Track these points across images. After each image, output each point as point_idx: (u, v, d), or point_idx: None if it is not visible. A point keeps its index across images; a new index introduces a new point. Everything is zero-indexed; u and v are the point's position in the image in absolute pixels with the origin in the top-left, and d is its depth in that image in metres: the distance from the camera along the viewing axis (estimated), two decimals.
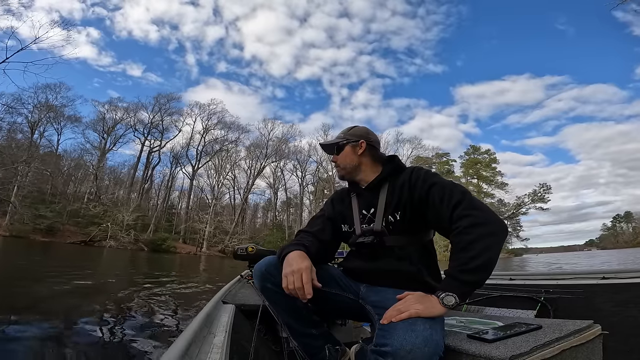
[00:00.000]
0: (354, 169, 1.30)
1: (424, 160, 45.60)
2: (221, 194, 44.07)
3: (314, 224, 1.34)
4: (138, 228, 32.73)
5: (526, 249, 54.58)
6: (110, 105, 40.67)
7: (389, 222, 1.18)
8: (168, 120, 42.12)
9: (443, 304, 0.92)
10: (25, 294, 4.22)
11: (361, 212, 1.27)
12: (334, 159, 1.34)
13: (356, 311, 1.21)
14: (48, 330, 2.60)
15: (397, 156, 1.33)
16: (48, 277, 6.01)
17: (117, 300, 4.36)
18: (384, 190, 1.23)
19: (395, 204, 1.18)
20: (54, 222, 28.99)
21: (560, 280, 1.71)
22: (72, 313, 3.37)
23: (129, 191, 40.84)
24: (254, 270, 1.20)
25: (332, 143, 1.34)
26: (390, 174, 1.25)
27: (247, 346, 1.05)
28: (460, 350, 0.88)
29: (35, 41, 17.32)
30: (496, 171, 47.59)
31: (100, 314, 3.40)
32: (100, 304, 3.92)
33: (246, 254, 2.13)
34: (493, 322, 1.12)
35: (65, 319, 3.09)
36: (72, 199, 35.46)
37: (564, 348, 0.85)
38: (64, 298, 4.21)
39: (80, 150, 40.36)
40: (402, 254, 1.17)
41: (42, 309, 3.43)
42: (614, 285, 1.45)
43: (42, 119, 35.99)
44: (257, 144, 44.40)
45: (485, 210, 1.00)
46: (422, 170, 1.20)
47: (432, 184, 1.11)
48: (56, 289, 4.72)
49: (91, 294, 4.80)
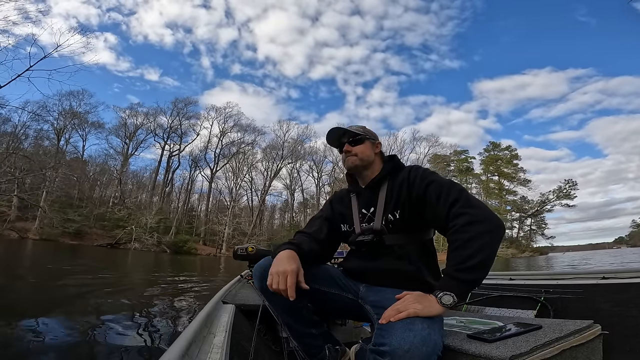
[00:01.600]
0: (369, 163, 1.30)
1: (441, 158, 44.77)
2: (239, 196, 44.78)
3: (312, 224, 1.36)
4: (160, 230, 33.72)
5: (552, 248, 52.47)
6: (130, 111, 42.28)
7: (388, 220, 1.18)
8: (186, 124, 43.35)
9: (441, 304, 0.92)
10: (59, 292, 4.60)
11: (361, 211, 1.28)
12: (351, 148, 1.30)
13: (356, 311, 1.21)
14: (65, 327, 2.74)
15: (397, 156, 1.34)
16: (78, 277, 6.41)
17: (142, 299, 4.56)
18: (383, 189, 1.24)
19: (394, 202, 1.18)
20: (81, 225, 30.26)
21: (560, 280, 1.71)
22: (95, 311, 3.53)
23: (151, 195, 42.17)
24: (254, 270, 1.21)
25: (355, 132, 1.31)
26: (389, 172, 1.26)
27: (247, 346, 1.06)
28: (460, 350, 0.88)
29: (57, 49, 18.08)
30: (518, 168, 46.14)
31: (125, 311, 3.56)
32: (124, 303, 4.11)
33: (246, 254, 2.15)
34: (493, 322, 1.12)
35: (91, 316, 3.24)
36: (98, 203, 36.84)
37: (564, 348, 0.84)
38: (88, 297, 4.40)
39: (104, 156, 42.19)
40: (402, 252, 1.17)
41: (66, 307, 3.61)
42: (614, 285, 1.44)
43: (67, 125, 37.67)
44: (273, 145, 44.94)
45: (482, 208, 1.00)
46: (420, 169, 1.20)
47: (429, 182, 1.11)
48: (83, 289, 4.95)
49: (119, 292, 5.06)
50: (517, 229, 47.68)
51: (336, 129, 1.33)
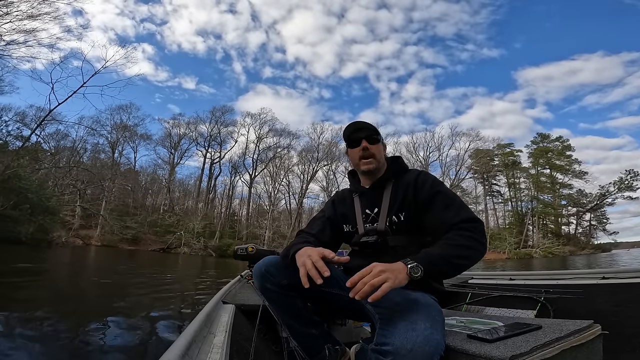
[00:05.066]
0: (382, 165, 1.31)
1: (483, 153, 42.34)
2: (277, 199, 45.77)
3: (314, 225, 1.36)
4: (206, 235, 35.48)
5: (615, 244, 47.34)
6: (174, 121, 44.86)
7: (392, 222, 1.19)
8: (225, 131, 45.07)
9: (409, 274, 0.92)
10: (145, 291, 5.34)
11: (364, 211, 1.28)
12: (369, 147, 1.27)
13: (356, 311, 1.20)
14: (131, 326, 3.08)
15: (401, 157, 1.34)
16: (156, 278, 7.71)
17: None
18: (387, 190, 1.25)
19: (399, 204, 1.20)
20: (137, 232, 32.71)
21: (560, 280, 1.69)
22: (149, 308, 3.98)
23: (197, 201, 44.50)
24: (254, 270, 1.23)
25: (375, 130, 1.30)
26: (394, 174, 1.27)
27: (247, 346, 1.09)
28: (460, 350, 0.88)
29: (105, 65, 19.83)
30: (572, 159, 42.24)
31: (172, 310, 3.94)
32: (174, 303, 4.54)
33: (246, 254, 2.18)
34: (493, 322, 1.11)
35: (144, 315, 3.62)
36: (151, 211, 39.72)
37: (564, 348, 0.84)
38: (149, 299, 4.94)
39: (153, 166, 45.27)
40: (404, 253, 1.14)
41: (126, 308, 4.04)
42: (613, 285, 1.42)
43: (119, 138, 40.86)
44: (308, 148, 45.36)
45: (483, 233, 1.09)
46: (429, 175, 1.24)
47: (438, 191, 1.16)
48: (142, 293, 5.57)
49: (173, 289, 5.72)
50: (574, 224, 43.75)
51: (357, 122, 1.32)
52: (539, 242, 38.12)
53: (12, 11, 16.36)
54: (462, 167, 42.67)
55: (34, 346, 2.25)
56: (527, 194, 43.69)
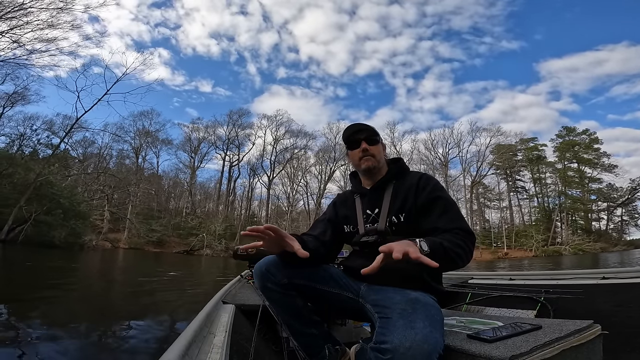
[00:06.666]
0: (383, 166, 1.32)
1: (506, 148, 40.97)
2: (295, 200, 46.08)
3: (316, 227, 1.38)
4: (227, 237, 36.17)
5: None
6: (193, 126, 45.91)
7: (392, 222, 1.20)
8: (242, 134, 45.84)
9: (419, 247, 0.93)
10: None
11: (365, 212, 1.29)
12: (369, 147, 1.29)
13: (356, 310, 1.21)
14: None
15: (402, 158, 1.36)
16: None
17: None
18: (388, 191, 1.26)
19: (399, 205, 1.21)
20: (162, 234, 33.79)
21: (560, 280, 1.67)
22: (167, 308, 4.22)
23: (217, 204, 45.48)
24: (254, 269, 1.25)
25: (374, 131, 1.32)
26: (395, 175, 1.28)
27: (247, 346, 1.10)
28: (460, 350, 0.89)
29: (126, 72, 20.56)
30: (600, 152, 40.14)
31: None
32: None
33: (246, 254, 2.18)
34: (493, 322, 1.11)
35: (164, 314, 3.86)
36: (174, 214, 40.91)
37: (564, 348, 0.84)
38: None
39: (175, 170, 46.52)
40: None
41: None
42: (613, 285, 1.41)
43: (142, 144, 42.25)
44: (325, 148, 45.44)
45: (473, 245, 1.11)
46: (432, 179, 1.24)
47: (439, 196, 1.17)
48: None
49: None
50: (605, 220, 41.56)
51: (356, 123, 1.35)
52: (569, 238, 36.54)
53: (32, 20, 17.18)
54: (483, 163, 41.62)
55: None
56: (554, 189, 41.99)
